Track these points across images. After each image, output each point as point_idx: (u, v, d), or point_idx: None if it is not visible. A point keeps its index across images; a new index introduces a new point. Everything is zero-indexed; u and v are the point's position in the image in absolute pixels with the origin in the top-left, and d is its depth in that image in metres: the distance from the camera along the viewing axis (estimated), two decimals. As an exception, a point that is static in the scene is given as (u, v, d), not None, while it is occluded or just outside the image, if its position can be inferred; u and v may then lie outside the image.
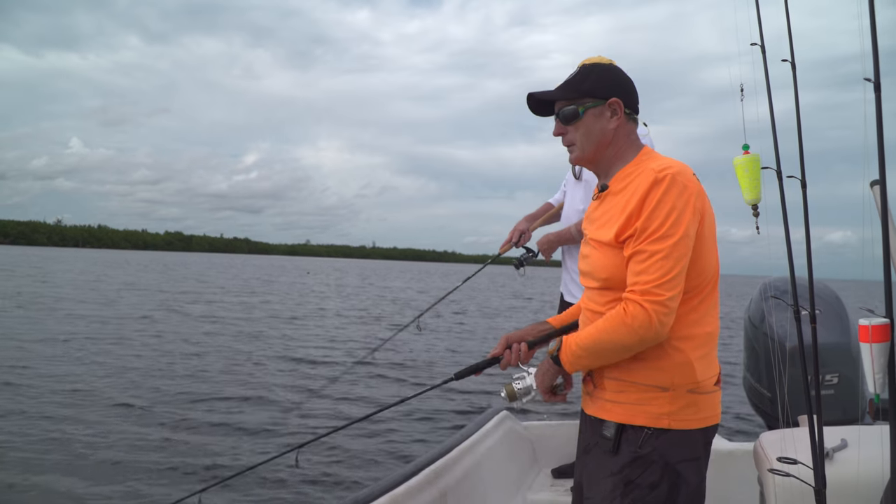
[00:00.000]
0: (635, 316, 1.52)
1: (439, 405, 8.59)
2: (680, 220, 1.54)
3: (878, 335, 1.43)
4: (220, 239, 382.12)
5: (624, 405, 1.64)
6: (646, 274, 1.53)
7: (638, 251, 1.56)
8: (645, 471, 1.58)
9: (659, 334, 1.54)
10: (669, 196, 1.55)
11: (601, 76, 1.73)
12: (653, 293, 1.51)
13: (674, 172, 1.58)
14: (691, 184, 1.59)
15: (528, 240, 3.54)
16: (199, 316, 18.52)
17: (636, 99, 1.77)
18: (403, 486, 2.54)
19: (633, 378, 1.63)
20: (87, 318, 16.36)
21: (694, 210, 1.57)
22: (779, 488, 2.02)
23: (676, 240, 1.53)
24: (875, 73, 1.44)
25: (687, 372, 1.60)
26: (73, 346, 11.93)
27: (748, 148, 1.73)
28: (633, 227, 1.57)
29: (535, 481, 3.65)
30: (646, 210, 1.56)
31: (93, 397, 8.16)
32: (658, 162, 1.64)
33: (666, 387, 1.60)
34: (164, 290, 28.99)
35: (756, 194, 1.73)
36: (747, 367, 3.14)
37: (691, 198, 1.57)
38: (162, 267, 64.76)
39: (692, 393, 1.60)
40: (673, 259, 1.52)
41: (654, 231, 1.54)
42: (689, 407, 1.60)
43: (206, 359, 11.46)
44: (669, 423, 1.59)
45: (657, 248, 1.53)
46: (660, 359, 1.60)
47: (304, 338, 15.23)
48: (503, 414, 3.74)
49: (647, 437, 1.59)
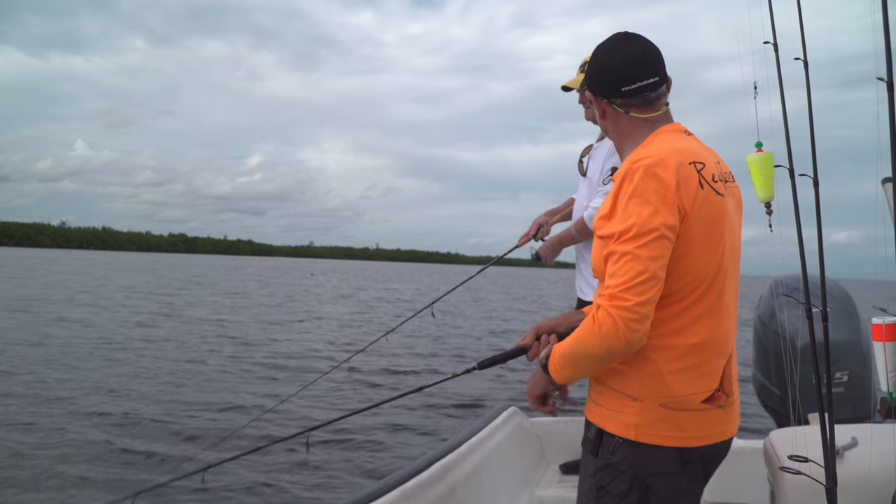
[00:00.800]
0: (602, 323, 1.41)
1: (449, 398, 8.65)
2: (652, 217, 1.42)
3: (892, 334, 1.44)
4: (224, 241, 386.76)
5: (601, 409, 1.60)
6: (615, 277, 1.42)
7: (610, 252, 1.45)
8: (614, 479, 1.55)
9: (630, 342, 1.41)
10: (639, 191, 1.44)
11: (592, 70, 1.66)
12: (619, 298, 1.39)
13: (647, 164, 1.46)
14: (668, 175, 1.45)
15: (546, 233, 3.58)
16: (192, 319, 18.12)
17: (617, 79, 1.60)
18: (413, 480, 2.58)
19: (607, 382, 1.58)
20: (71, 321, 15.99)
21: (670, 205, 1.44)
22: (789, 486, 2.04)
23: (648, 240, 1.41)
24: (888, 72, 1.45)
25: (656, 384, 1.51)
26: (46, 350, 11.62)
27: (761, 145, 1.74)
28: (608, 227, 1.49)
29: (544, 477, 3.69)
30: (618, 208, 1.47)
31: (57, 403, 7.91)
32: (641, 151, 1.53)
33: (635, 396, 1.52)
34: (157, 292, 28.78)
35: (770, 192, 1.73)
36: (757, 364, 3.15)
37: (668, 192, 1.44)
38: (161, 268, 64.90)
39: (665, 408, 1.51)
40: (643, 261, 1.40)
41: (623, 231, 1.43)
42: (661, 422, 1.51)
43: (208, 362, 11.47)
44: (636, 434, 1.51)
45: (625, 248, 1.42)
46: (629, 366, 1.53)
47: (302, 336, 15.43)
48: (511, 409, 3.78)
49: (617, 445, 1.54)
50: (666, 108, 1.65)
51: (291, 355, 12.30)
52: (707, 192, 1.50)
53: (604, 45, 1.63)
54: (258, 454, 5.05)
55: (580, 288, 3.45)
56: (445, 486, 2.75)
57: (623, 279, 1.39)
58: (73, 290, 26.53)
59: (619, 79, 1.59)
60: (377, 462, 6.02)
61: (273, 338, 14.84)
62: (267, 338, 14.79)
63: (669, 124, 1.64)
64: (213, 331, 15.58)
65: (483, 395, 9.04)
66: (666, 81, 1.63)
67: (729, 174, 1.67)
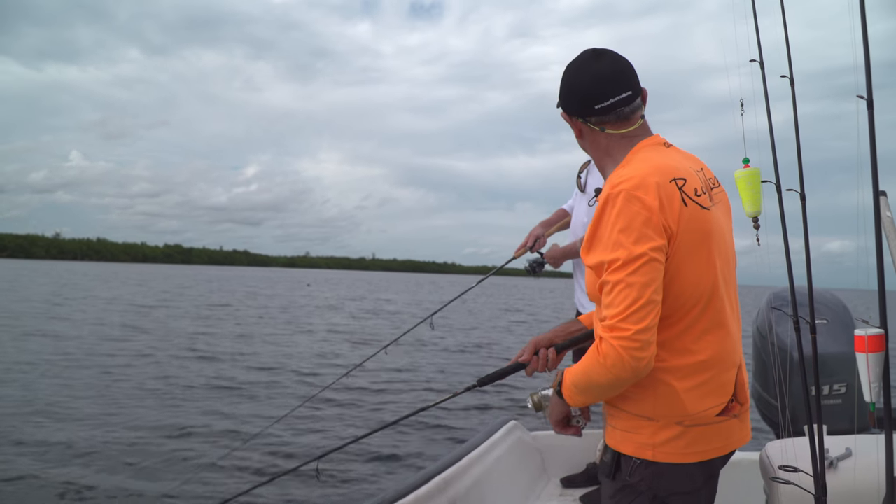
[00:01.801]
0: (606, 355, 1.41)
1: (450, 412, 8.64)
2: (638, 243, 1.40)
3: (874, 345, 1.48)
4: (220, 251, 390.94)
5: (618, 431, 1.59)
6: (611, 308, 1.41)
7: (603, 282, 1.45)
8: (633, 500, 1.55)
9: (637, 370, 1.41)
10: (622, 216, 1.43)
11: (561, 89, 1.64)
12: (618, 329, 1.39)
13: (628, 188, 1.44)
14: (650, 197, 1.44)
15: (542, 245, 3.63)
16: (169, 333, 17.06)
17: (589, 97, 1.57)
18: (412, 494, 2.61)
19: (622, 405, 1.58)
20: (38, 336, 15.20)
21: (655, 227, 1.43)
22: (784, 497, 2.07)
23: (637, 266, 1.40)
24: (868, 90, 1.50)
25: (673, 404, 1.51)
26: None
27: (748, 161, 1.79)
28: (594, 257, 1.48)
29: (544, 491, 3.71)
30: (601, 235, 1.46)
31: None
32: (620, 173, 1.51)
33: (650, 416, 1.52)
34: (140, 304, 27.68)
35: (757, 207, 1.79)
36: (756, 376, 3.19)
37: (651, 214, 1.43)
38: (152, 279, 63.88)
39: (681, 425, 1.51)
40: (637, 288, 1.39)
41: (612, 260, 1.42)
42: (678, 439, 1.51)
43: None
44: (654, 454, 1.51)
45: (617, 278, 1.41)
46: (643, 388, 1.52)
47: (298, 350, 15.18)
48: (512, 423, 3.81)
49: (635, 466, 1.54)
50: (642, 121, 1.62)
51: (279, 370, 11.86)
52: (692, 208, 1.48)
53: (573, 64, 1.61)
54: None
55: (579, 301, 3.51)
56: (446, 500, 2.78)
57: (619, 309, 1.39)
58: (51, 303, 25.82)
59: (591, 97, 1.57)
60: (378, 481, 6.01)
61: (256, 351, 14.16)
62: (252, 351, 14.11)
63: (648, 138, 1.62)
64: (189, 344, 14.93)
65: (484, 407, 9.03)
66: (640, 94, 1.61)
67: (714, 179, 1.66)
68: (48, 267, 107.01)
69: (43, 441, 6.66)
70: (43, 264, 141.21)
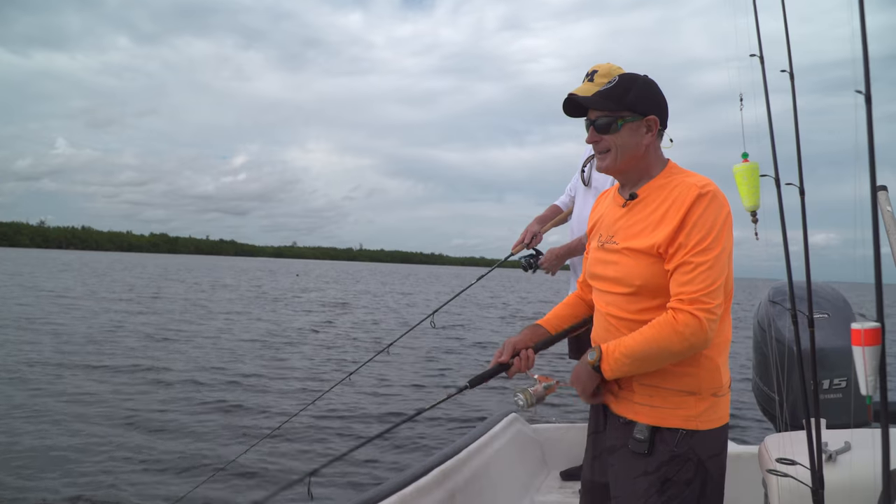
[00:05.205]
0: (687, 324, 1.65)
1: (448, 407, 8.66)
2: (721, 235, 1.69)
3: (870, 339, 1.53)
4: (206, 241, 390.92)
5: (657, 409, 1.79)
6: (692, 284, 1.66)
7: (684, 262, 1.68)
8: (681, 468, 1.75)
9: (708, 341, 1.68)
10: (711, 211, 1.70)
11: (642, 91, 1.83)
12: (702, 301, 1.65)
13: (715, 189, 1.74)
14: (726, 201, 1.76)
15: (539, 241, 3.67)
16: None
17: (668, 115, 1.89)
18: (412, 486, 2.66)
19: (666, 384, 1.78)
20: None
21: (731, 226, 1.74)
22: (781, 490, 2.12)
23: (718, 252, 1.68)
24: (866, 85, 1.54)
25: (715, 377, 1.78)
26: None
27: (747, 156, 1.83)
28: (678, 241, 1.70)
29: (544, 483, 3.77)
30: (689, 223, 1.70)
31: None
32: (695, 177, 1.78)
33: (694, 391, 1.77)
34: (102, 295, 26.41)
35: (755, 201, 1.84)
36: (756, 370, 3.23)
37: (729, 215, 1.74)
38: (133, 267, 62.97)
39: (714, 396, 1.78)
40: (716, 270, 1.67)
41: (698, 243, 1.68)
42: (711, 408, 1.77)
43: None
44: (697, 424, 1.76)
45: (702, 259, 1.67)
46: (693, 365, 1.76)
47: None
48: (512, 416, 3.86)
49: (682, 437, 1.75)
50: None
51: (270, 382, 10.49)
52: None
53: (651, 81, 1.86)
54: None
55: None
56: (444, 492, 2.83)
57: (702, 285, 1.66)
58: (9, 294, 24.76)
59: (666, 112, 1.88)
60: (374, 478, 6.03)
61: (241, 356, 12.70)
62: (232, 359, 12.46)
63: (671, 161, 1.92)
64: (178, 335, 14.50)
65: (480, 405, 9.05)
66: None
67: None
68: (30, 255, 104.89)
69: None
70: (27, 252, 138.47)
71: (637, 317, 1.78)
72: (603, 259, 1.88)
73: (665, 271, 1.73)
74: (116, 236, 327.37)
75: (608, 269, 1.85)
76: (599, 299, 1.93)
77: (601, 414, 1.96)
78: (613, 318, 1.85)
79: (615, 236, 1.85)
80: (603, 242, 1.90)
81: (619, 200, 1.90)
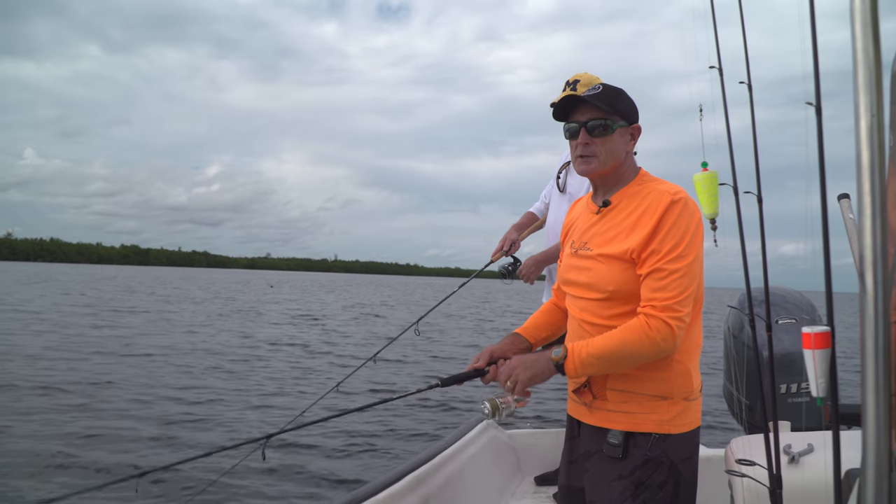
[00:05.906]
0: (659, 330, 1.70)
1: (421, 410, 8.69)
2: (693, 242, 1.75)
3: (820, 342, 1.58)
4: (178, 252, 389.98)
5: (629, 414, 1.83)
6: (665, 291, 1.71)
7: (657, 269, 1.73)
8: (654, 472, 1.79)
9: (676, 347, 1.74)
10: (684, 218, 1.75)
11: (628, 101, 1.91)
12: (673, 309, 1.70)
13: (686, 196, 1.79)
14: (697, 209, 1.81)
15: (517, 249, 3.71)
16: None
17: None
18: (385, 491, 2.67)
19: (639, 389, 1.82)
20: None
21: (702, 233, 1.79)
22: (745, 490, 2.18)
23: (691, 261, 1.73)
24: (816, 97, 1.60)
25: (686, 381, 1.83)
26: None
27: (707, 165, 1.90)
28: (651, 246, 1.75)
29: (519, 488, 3.81)
30: (663, 229, 1.74)
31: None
32: (667, 185, 1.84)
33: (666, 395, 1.81)
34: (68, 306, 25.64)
35: (714, 209, 1.90)
36: (726, 375, 3.30)
37: (700, 222, 1.79)
38: (99, 280, 61.28)
39: (686, 400, 1.83)
40: (688, 279, 1.72)
41: (671, 250, 1.72)
42: (684, 412, 1.82)
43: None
44: (670, 428, 1.81)
45: (675, 267, 1.72)
46: (664, 370, 1.81)
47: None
48: (486, 422, 3.89)
49: (655, 441, 1.80)
50: None
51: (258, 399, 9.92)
52: None
53: (628, 95, 1.91)
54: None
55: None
56: (418, 498, 2.85)
57: (674, 293, 1.71)
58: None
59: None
60: (343, 472, 6.04)
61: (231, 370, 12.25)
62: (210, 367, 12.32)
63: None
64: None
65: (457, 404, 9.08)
66: None
67: None
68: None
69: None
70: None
71: (610, 322, 1.82)
72: (577, 265, 1.92)
73: (637, 277, 1.77)
74: (86, 248, 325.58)
75: (581, 276, 1.89)
76: (573, 305, 1.96)
77: (577, 422, 2.00)
78: (587, 324, 1.88)
79: (589, 243, 1.90)
80: (577, 249, 1.94)
81: (592, 208, 1.95)
